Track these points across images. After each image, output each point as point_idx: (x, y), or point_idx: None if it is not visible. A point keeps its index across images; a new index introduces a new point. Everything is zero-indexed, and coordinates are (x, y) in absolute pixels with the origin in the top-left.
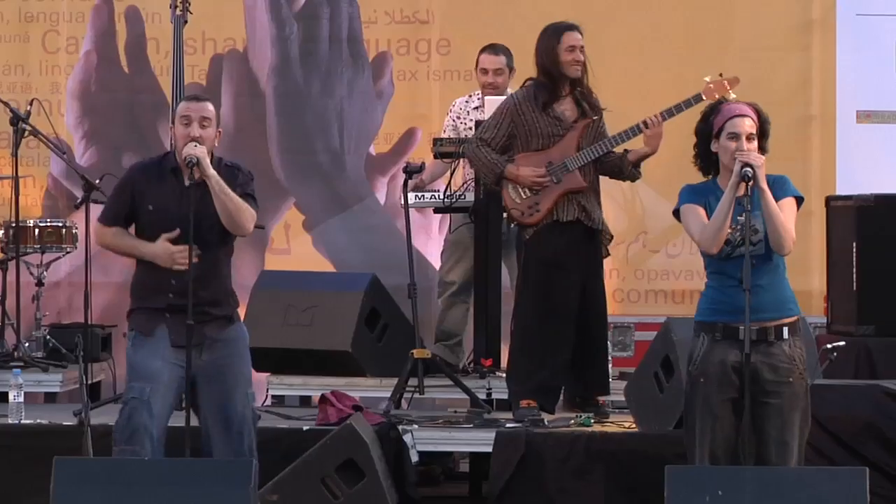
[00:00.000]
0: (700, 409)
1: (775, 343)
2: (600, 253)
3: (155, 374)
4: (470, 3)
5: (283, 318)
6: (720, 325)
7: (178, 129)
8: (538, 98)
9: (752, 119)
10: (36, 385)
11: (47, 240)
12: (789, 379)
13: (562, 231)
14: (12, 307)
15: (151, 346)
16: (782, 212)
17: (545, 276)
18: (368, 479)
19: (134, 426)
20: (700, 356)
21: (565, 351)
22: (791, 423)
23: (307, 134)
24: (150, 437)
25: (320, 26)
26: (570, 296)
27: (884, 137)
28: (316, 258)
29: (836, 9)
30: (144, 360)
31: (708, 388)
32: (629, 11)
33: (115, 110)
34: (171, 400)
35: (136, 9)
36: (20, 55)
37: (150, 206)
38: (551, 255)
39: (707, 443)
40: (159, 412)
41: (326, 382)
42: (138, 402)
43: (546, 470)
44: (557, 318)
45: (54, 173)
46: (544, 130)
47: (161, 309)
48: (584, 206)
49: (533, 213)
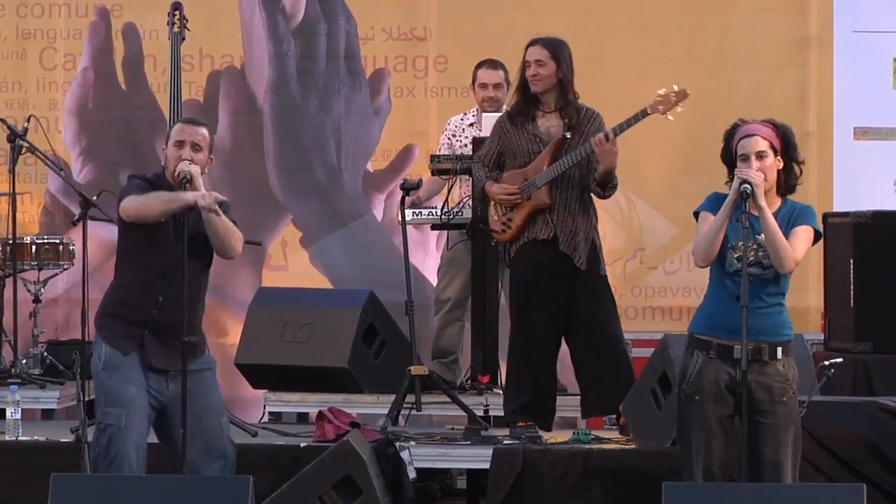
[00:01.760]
0: (695, 426)
1: (769, 363)
2: (592, 271)
3: (131, 399)
4: (467, 20)
5: (281, 335)
6: (715, 344)
7: (171, 150)
8: (514, 118)
9: (763, 136)
10: (33, 402)
11: (44, 256)
12: (783, 399)
13: (540, 249)
14: (9, 324)
15: (125, 370)
16: (795, 236)
17: (523, 296)
18: (366, 496)
19: (113, 454)
20: (694, 374)
21: (548, 370)
22: (785, 443)
23: (304, 150)
24: (130, 463)
25: (318, 43)
26: (547, 315)
27: (881, 154)
28: (313, 275)
29: (834, 26)
30: (119, 386)
31: (703, 406)
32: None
33: (113, 127)
34: (146, 426)
35: (134, 26)
36: (17, 72)
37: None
38: (528, 274)
39: (702, 459)
40: (136, 439)
41: (324, 399)
42: (116, 430)
43: (543, 487)
44: (537, 339)
45: (52, 190)
46: (524, 147)
47: (141, 324)
48: (556, 223)
49: (506, 230)
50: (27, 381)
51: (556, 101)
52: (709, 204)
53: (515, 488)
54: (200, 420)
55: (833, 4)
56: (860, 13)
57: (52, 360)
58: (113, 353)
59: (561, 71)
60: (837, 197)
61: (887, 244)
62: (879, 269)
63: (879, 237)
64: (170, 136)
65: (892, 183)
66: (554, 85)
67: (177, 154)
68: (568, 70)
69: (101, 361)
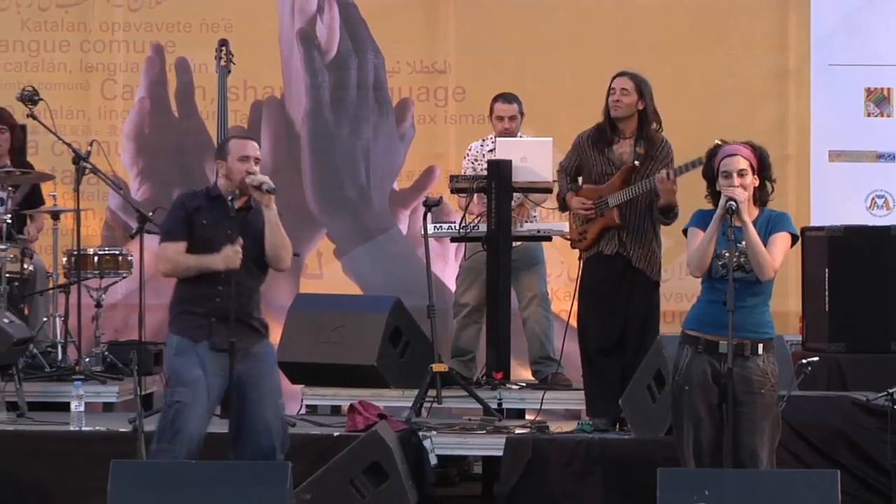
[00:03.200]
0: (685, 413)
1: (750, 358)
2: (646, 288)
3: (197, 380)
4: (482, 55)
5: (316, 336)
6: (703, 339)
7: (236, 164)
8: (593, 140)
9: (743, 156)
10: (95, 396)
11: (105, 266)
12: (761, 391)
13: (604, 263)
14: (74, 326)
15: (192, 355)
16: (773, 244)
17: (585, 304)
18: (392, 480)
19: (177, 428)
20: (684, 366)
21: (606, 373)
22: (762, 431)
23: (337, 172)
24: (191, 439)
25: (349, 76)
26: (604, 324)
27: (853, 174)
28: (345, 282)
29: (811, 60)
30: (187, 367)
31: (692, 395)
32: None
33: (166, 151)
34: (209, 407)
35: (185, 60)
36: (81, 101)
37: (204, 221)
38: (591, 284)
39: (692, 443)
40: (200, 417)
41: (354, 393)
42: (182, 406)
43: (550, 472)
44: (594, 345)
45: (112, 207)
46: (598, 168)
47: (207, 314)
48: (625, 242)
49: (581, 240)
50: (90, 378)
51: (632, 129)
52: (696, 220)
53: (526, 473)
54: (260, 399)
55: (810, 41)
56: (834, 48)
57: (112, 359)
58: (182, 341)
59: (642, 102)
60: (814, 213)
61: (858, 255)
62: (851, 277)
63: (851, 249)
64: (228, 150)
65: (862, 200)
66: (633, 114)
67: (243, 167)
68: (650, 102)
69: (172, 349)
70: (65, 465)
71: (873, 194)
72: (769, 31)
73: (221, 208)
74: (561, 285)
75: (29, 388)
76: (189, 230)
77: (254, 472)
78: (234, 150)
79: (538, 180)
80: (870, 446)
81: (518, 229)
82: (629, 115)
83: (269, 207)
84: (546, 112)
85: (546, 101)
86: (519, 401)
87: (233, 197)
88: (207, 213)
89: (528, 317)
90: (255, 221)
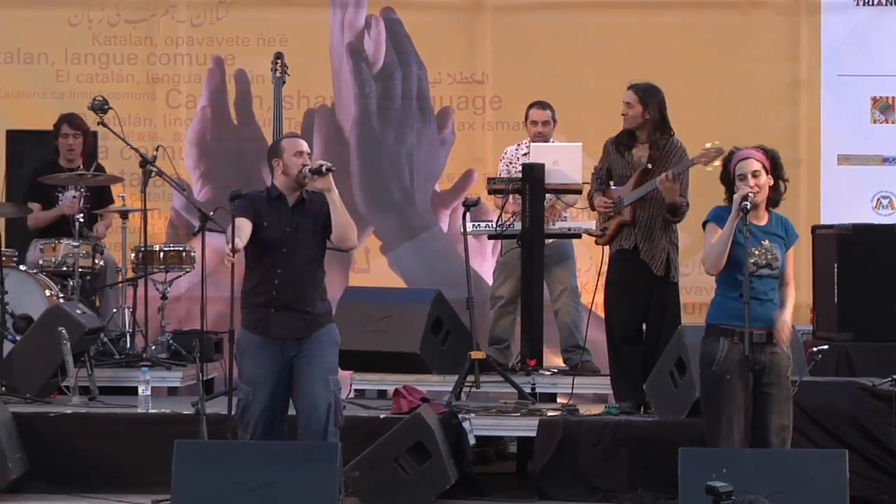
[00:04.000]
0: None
1: (778, 344)
2: (660, 281)
3: (253, 378)
4: (517, 67)
5: (364, 326)
6: (738, 331)
7: (292, 159)
8: (616, 145)
9: (756, 158)
10: (161, 381)
11: (170, 261)
12: (787, 375)
13: (625, 257)
14: (141, 317)
15: (251, 353)
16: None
17: (609, 297)
18: (434, 459)
19: (247, 420)
20: (722, 357)
21: (630, 360)
22: (787, 411)
23: (383, 174)
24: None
25: (394, 86)
26: (625, 316)
27: (860, 177)
28: (391, 276)
29: (821, 70)
30: (247, 367)
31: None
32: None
33: (226, 155)
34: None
35: (244, 71)
36: (148, 110)
37: (265, 223)
38: (613, 278)
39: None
40: (264, 407)
41: (399, 379)
42: (246, 402)
43: (580, 451)
44: (616, 335)
45: (176, 207)
46: (620, 171)
47: (265, 305)
48: (636, 238)
49: (602, 235)
50: (156, 364)
51: (647, 135)
52: (714, 215)
53: (557, 452)
54: (312, 374)
55: (821, 53)
56: (843, 60)
57: (176, 347)
58: (244, 336)
59: (648, 112)
60: (824, 212)
61: (865, 251)
62: (858, 271)
63: (858, 245)
64: (283, 147)
65: (869, 200)
66: (643, 123)
67: (299, 161)
68: (655, 111)
69: (237, 345)
70: (132, 445)
71: (879, 195)
72: (782, 44)
73: (281, 208)
74: (589, 279)
75: (100, 373)
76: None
77: (306, 450)
78: (288, 147)
79: (569, 182)
80: (876, 428)
81: (550, 227)
82: (640, 125)
83: (331, 190)
84: (576, 119)
85: (576, 110)
86: (551, 385)
87: (326, 171)
88: (268, 216)
89: (559, 308)
90: (310, 214)
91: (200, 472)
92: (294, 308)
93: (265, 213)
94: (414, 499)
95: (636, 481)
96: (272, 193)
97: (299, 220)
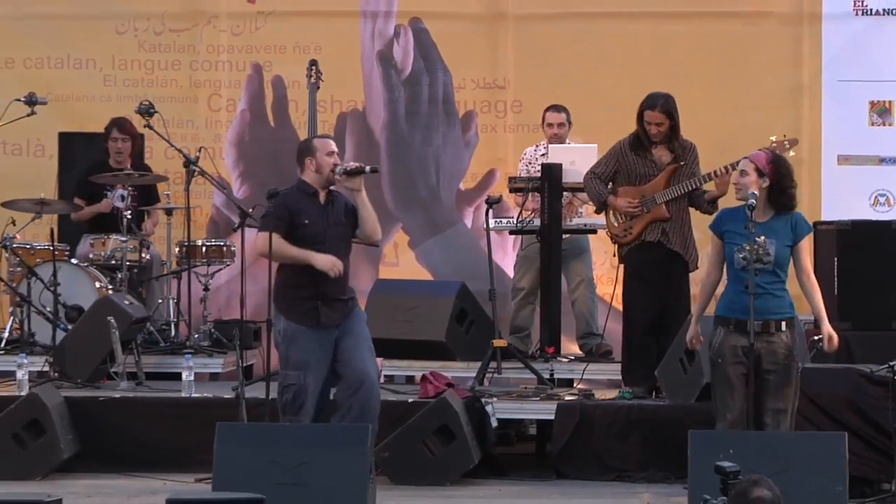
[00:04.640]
0: (719, 383)
1: (775, 334)
2: (681, 272)
3: (305, 363)
4: (537, 73)
5: (393, 316)
6: (733, 320)
7: (325, 158)
8: (633, 146)
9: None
10: (203, 367)
11: (211, 255)
12: (785, 362)
13: (647, 250)
14: (185, 307)
15: (299, 340)
16: (803, 251)
17: (630, 289)
18: (458, 440)
19: (299, 404)
20: (717, 344)
21: (643, 351)
22: (786, 396)
23: (411, 174)
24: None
25: (422, 91)
26: (647, 306)
27: (859, 176)
28: (418, 269)
29: (822, 76)
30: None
31: (725, 367)
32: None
33: (264, 156)
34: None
35: (281, 77)
36: (190, 113)
37: (305, 220)
38: (634, 271)
39: (727, 409)
40: (314, 390)
41: (426, 365)
42: (298, 388)
43: (595, 433)
44: (637, 325)
45: (217, 204)
46: (640, 171)
47: (313, 297)
48: (667, 231)
49: (627, 235)
50: (198, 351)
51: (664, 137)
52: (718, 221)
53: (574, 434)
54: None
55: (822, 60)
56: (842, 66)
57: (217, 335)
58: (289, 325)
59: (672, 121)
60: (824, 209)
61: (863, 246)
62: (857, 265)
63: (857, 240)
64: (315, 147)
65: (867, 198)
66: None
67: (331, 160)
68: (677, 118)
69: (280, 333)
70: (177, 427)
71: (876, 193)
72: (785, 52)
73: (317, 205)
74: (605, 272)
75: (146, 360)
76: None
77: (339, 433)
78: (320, 146)
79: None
80: (874, 412)
81: (567, 223)
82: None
83: (360, 190)
84: (592, 122)
85: (592, 113)
86: (568, 371)
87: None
88: (308, 213)
89: (576, 299)
90: (339, 210)
91: (240, 453)
92: (338, 297)
93: (304, 211)
94: (440, 478)
95: (648, 461)
96: (307, 190)
97: (332, 216)
